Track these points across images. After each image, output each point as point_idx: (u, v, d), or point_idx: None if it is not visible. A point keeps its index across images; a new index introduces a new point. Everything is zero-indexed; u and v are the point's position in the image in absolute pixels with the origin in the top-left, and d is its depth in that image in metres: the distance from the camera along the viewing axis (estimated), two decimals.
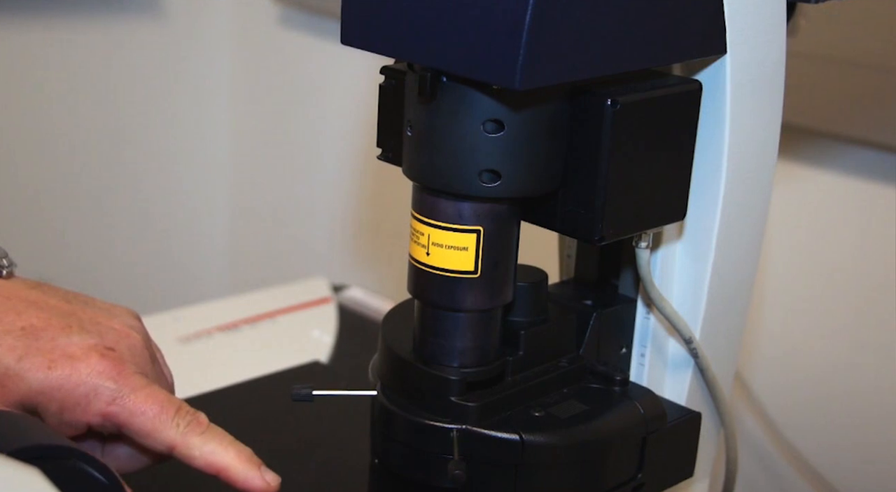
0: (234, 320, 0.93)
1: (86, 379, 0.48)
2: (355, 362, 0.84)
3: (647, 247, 0.56)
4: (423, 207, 0.52)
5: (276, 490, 0.50)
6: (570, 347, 0.58)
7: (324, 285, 1.01)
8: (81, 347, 0.49)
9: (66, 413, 0.48)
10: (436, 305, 0.54)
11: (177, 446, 0.49)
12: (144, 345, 0.52)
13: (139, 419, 0.48)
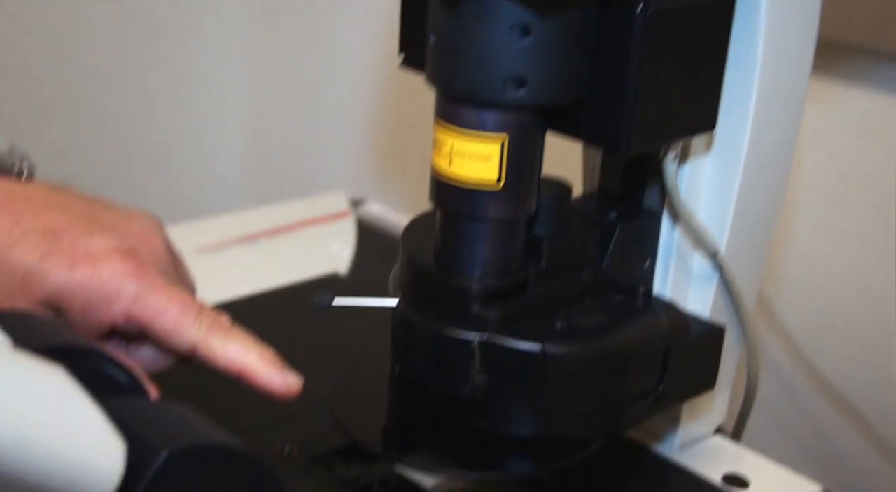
0: (252, 233, 0.93)
1: (108, 280, 0.48)
2: (374, 276, 0.84)
3: (675, 159, 0.55)
4: (447, 115, 0.52)
5: (297, 392, 0.50)
6: (593, 260, 0.58)
7: (342, 199, 1.01)
8: (103, 248, 0.48)
9: (88, 313, 0.48)
10: (458, 214, 0.53)
11: (198, 347, 0.49)
12: (165, 248, 0.52)
13: (161, 320, 0.48)
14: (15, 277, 0.48)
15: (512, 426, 0.54)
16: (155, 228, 0.52)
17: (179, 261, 0.54)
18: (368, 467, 0.62)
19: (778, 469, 0.65)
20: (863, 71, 0.84)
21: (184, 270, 0.54)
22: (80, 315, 0.48)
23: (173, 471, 0.40)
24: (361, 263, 0.90)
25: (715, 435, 0.67)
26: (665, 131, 0.52)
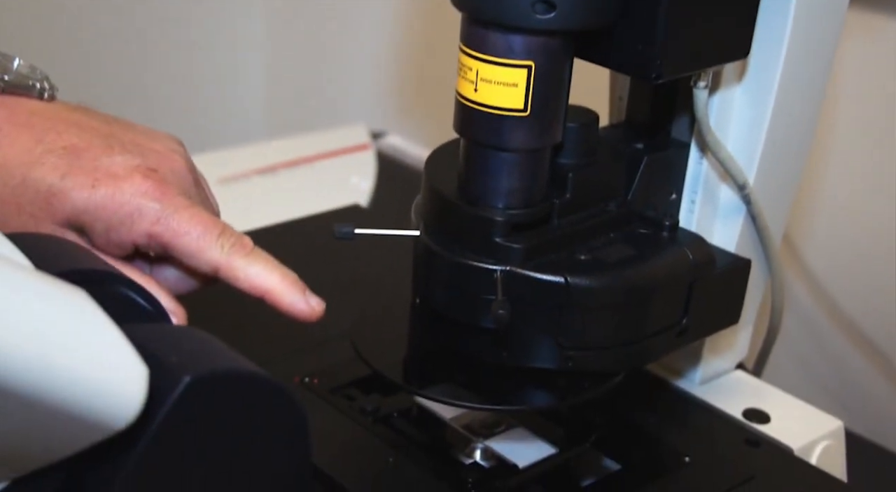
0: (272, 164, 0.93)
1: (129, 199, 0.47)
2: (395, 208, 0.84)
3: (706, 87, 0.54)
4: (472, 40, 0.50)
5: (320, 315, 0.50)
6: (619, 192, 0.57)
7: (363, 131, 1.00)
8: (124, 167, 0.48)
9: (111, 232, 0.48)
10: (482, 143, 0.52)
11: (221, 267, 0.48)
12: (188, 169, 0.51)
13: (183, 239, 0.48)
14: (38, 196, 0.47)
15: (533, 359, 0.53)
16: (177, 149, 0.52)
17: (202, 182, 0.53)
18: (388, 398, 0.62)
19: (799, 404, 0.64)
20: None
21: (206, 191, 0.53)
22: (102, 235, 0.48)
23: (195, 397, 0.40)
24: (382, 196, 0.89)
25: (736, 371, 0.67)
26: (697, 57, 0.51)
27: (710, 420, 0.63)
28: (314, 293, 0.51)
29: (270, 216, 0.82)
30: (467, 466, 0.58)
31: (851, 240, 0.86)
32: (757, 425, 0.62)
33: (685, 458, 0.59)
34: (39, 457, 0.39)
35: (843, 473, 0.63)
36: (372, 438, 0.59)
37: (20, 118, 0.49)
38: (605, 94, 0.64)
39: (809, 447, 0.61)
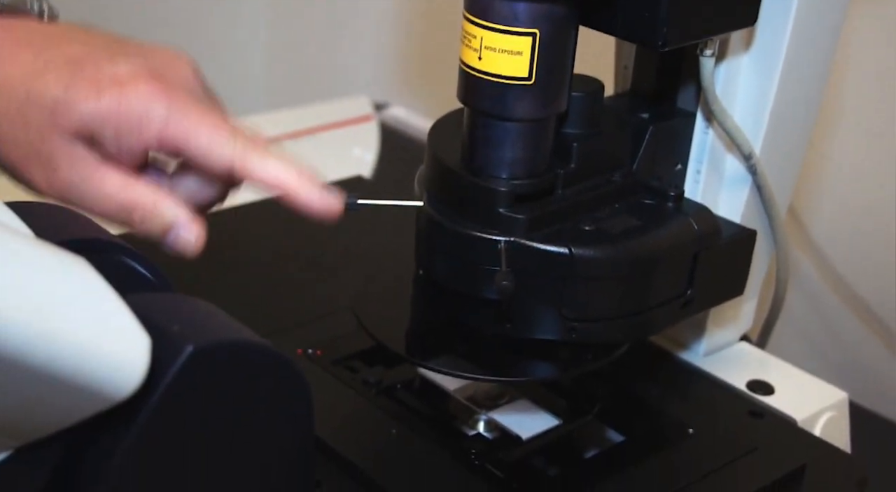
0: (275, 135, 0.92)
1: (136, 104, 0.46)
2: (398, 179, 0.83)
3: (713, 55, 0.53)
4: (476, 7, 0.50)
5: (337, 213, 0.49)
6: (624, 162, 0.56)
7: (365, 103, 0.99)
8: (129, 74, 0.47)
9: (122, 139, 0.46)
10: (487, 112, 0.52)
11: (236, 165, 0.47)
12: (194, 73, 0.50)
13: (194, 140, 0.46)
14: (43, 111, 0.46)
15: (537, 330, 0.53)
16: (182, 56, 0.50)
17: (210, 89, 0.51)
18: (391, 370, 0.62)
19: (803, 376, 0.64)
20: None
21: (215, 98, 0.51)
22: (113, 143, 0.46)
23: (198, 367, 0.40)
24: (385, 167, 0.89)
25: (740, 342, 0.67)
26: (704, 25, 0.50)
27: (714, 392, 0.62)
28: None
29: None
30: (471, 437, 0.58)
31: (856, 213, 0.86)
32: (761, 397, 0.62)
33: (689, 429, 0.59)
34: (41, 427, 0.39)
35: (846, 444, 0.63)
36: (375, 410, 0.59)
37: (19, 36, 0.48)
38: (611, 62, 0.63)
39: (813, 419, 0.61)
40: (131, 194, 0.47)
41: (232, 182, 0.49)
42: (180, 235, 0.47)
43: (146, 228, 0.47)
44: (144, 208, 0.47)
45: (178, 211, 0.47)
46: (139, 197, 0.47)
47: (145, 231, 0.48)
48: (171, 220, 0.47)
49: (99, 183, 0.46)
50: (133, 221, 0.47)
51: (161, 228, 0.47)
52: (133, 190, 0.47)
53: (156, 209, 0.47)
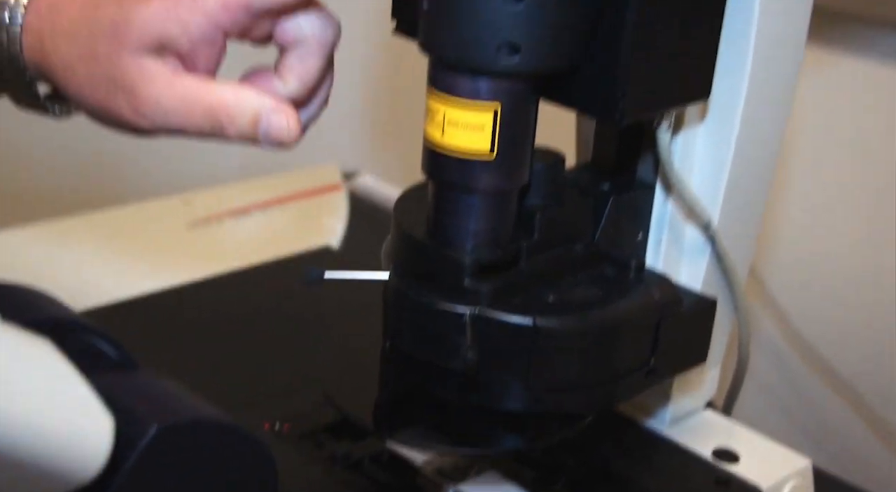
0: (244, 205, 0.93)
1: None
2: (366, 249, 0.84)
3: (669, 129, 0.55)
4: (439, 82, 0.51)
5: None
6: (586, 232, 0.57)
7: (334, 171, 1.00)
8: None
9: (190, 28, 0.45)
10: (450, 185, 0.52)
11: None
12: None
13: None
14: (106, 36, 0.46)
15: (504, 401, 0.53)
16: None
17: None
18: (359, 444, 0.62)
19: (768, 443, 0.65)
20: (861, 40, 0.83)
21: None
22: (184, 37, 0.46)
23: (163, 446, 0.39)
24: (354, 236, 0.89)
25: (706, 410, 0.67)
26: (659, 100, 0.51)
27: (681, 460, 0.63)
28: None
29: (243, 258, 0.82)
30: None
31: (815, 270, 0.87)
32: (726, 465, 0.62)
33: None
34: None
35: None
36: (342, 487, 0.58)
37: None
38: (572, 134, 0.64)
39: (778, 486, 0.61)
40: (213, 94, 0.46)
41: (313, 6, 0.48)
42: (272, 120, 0.47)
43: (236, 127, 0.47)
44: (227, 106, 0.46)
45: (262, 97, 0.47)
46: (220, 94, 0.47)
47: (238, 133, 0.47)
48: (257, 107, 0.47)
49: (181, 91, 0.46)
50: (222, 124, 0.47)
51: (250, 120, 0.47)
52: (212, 89, 0.47)
53: (239, 103, 0.47)
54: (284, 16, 0.48)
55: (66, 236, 0.84)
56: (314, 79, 0.50)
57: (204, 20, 0.46)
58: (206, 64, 0.47)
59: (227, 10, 0.46)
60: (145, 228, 0.88)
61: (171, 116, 0.46)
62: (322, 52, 0.50)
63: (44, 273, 0.73)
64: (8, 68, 0.48)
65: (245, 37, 0.49)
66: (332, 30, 0.50)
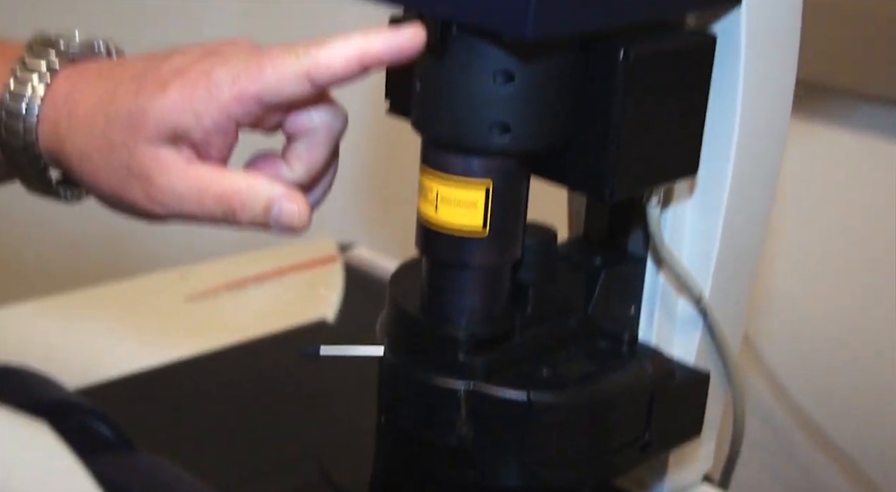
0: (240, 278, 0.93)
1: (198, 78, 0.47)
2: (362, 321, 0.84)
3: (658, 204, 0.55)
4: (432, 161, 0.52)
5: (422, 41, 0.47)
6: (579, 306, 0.57)
7: (330, 244, 1.00)
8: (185, 62, 0.48)
9: (204, 119, 0.47)
10: (444, 261, 0.53)
11: (310, 72, 0.46)
12: (251, 43, 0.50)
13: (264, 79, 0.46)
14: (123, 126, 0.47)
15: (499, 476, 0.53)
16: (239, 38, 0.51)
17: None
18: None
19: None
20: (842, 112, 0.85)
21: None
22: (198, 128, 0.47)
23: None
24: (350, 309, 0.89)
25: (703, 483, 0.67)
26: (648, 177, 0.52)
27: None
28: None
29: (239, 333, 0.82)
30: None
31: (809, 337, 0.87)
32: None
33: None
34: None
35: None
36: None
37: (92, 74, 0.50)
38: (565, 207, 0.65)
39: None
40: (225, 183, 0.47)
41: (320, 99, 0.49)
42: (283, 207, 0.48)
43: (249, 214, 0.48)
44: (240, 193, 0.47)
45: (274, 185, 0.48)
46: (233, 183, 0.47)
47: (250, 220, 0.48)
48: (269, 195, 0.48)
49: (194, 180, 0.47)
50: (234, 210, 0.48)
51: (263, 207, 0.48)
52: (225, 177, 0.48)
53: (251, 190, 0.47)
54: (295, 108, 0.50)
55: (63, 313, 0.84)
56: (320, 166, 0.51)
57: (218, 112, 0.47)
58: (219, 152, 0.48)
59: (239, 103, 0.47)
60: (142, 303, 0.88)
61: (185, 204, 0.47)
62: (330, 142, 0.51)
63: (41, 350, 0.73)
64: (22, 156, 0.49)
65: (256, 127, 0.50)
66: (340, 121, 0.51)
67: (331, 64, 0.47)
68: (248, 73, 0.47)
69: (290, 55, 0.47)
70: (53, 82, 0.49)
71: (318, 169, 0.51)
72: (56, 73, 0.49)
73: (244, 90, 0.47)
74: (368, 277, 0.96)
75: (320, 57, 0.47)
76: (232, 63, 0.47)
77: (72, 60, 0.51)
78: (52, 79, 0.49)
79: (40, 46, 0.50)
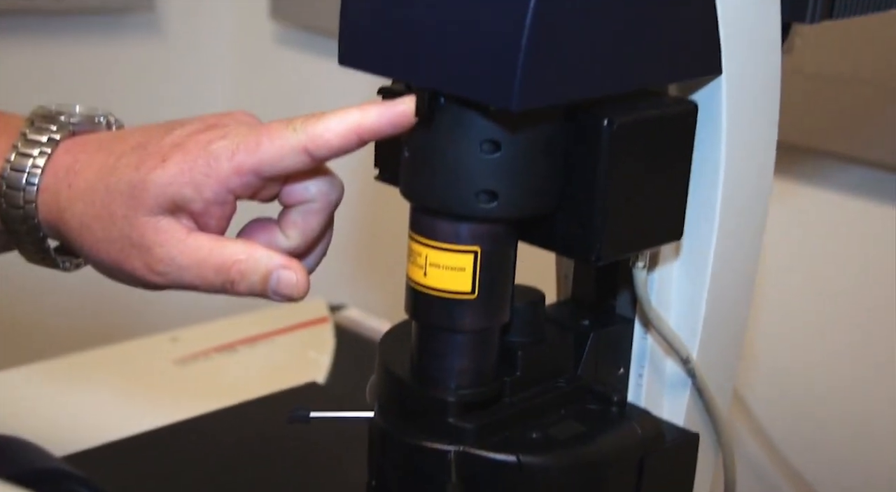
0: (231, 341, 0.93)
1: (198, 152, 0.47)
2: (353, 383, 0.84)
3: (644, 267, 0.56)
4: (421, 227, 0.52)
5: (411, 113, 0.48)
6: (568, 368, 0.58)
7: (321, 305, 1.01)
8: (185, 134, 0.48)
9: (203, 191, 0.47)
10: (433, 325, 0.54)
11: (308, 146, 0.47)
12: (251, 117, 0.51)
13: (262, 152, 0.47)
14: (123, 197, 0.48)
15: None
16: (238, 111, 0.52)
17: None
18: None
19: None
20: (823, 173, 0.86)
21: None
22: (197, 200, 0.47)
23: None
24: (340, 371, 0.90)
25: None
26: (635, 241, 0.53)
27: None
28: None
29: (231, 395, 0.82)
30: None
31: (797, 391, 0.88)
32: None
33: None
34: None
35: None
36: None
37: (92, 147, 0.50)
38: (552, 270, 0.66)
39: None
40: (224, 252, 0.48)
41: (320, 171, 0.50)
42: (281, 277, 0.48)
43: (248, 284, 0.48)
44: (239, 262, 0.48)
45: (272, 255, 0.48)
46: (231, 253, 0.48)
47: (248, 289, 0.48)
48: (267, 264, 0.48)
49: (194, 250, 0.48)
50: (233, 280, 0.48)
51: (261, 277, 0.48)
52: (224, 247, 0.48)
53: (249, 260, 0.48)
54: (293, 179, 0.50)
55: (53, 378, 0.84)
56: (316, 235, 0.52)
57: (217, 184, 0.48)
58: (217, 223, 0.49)
59: (238, 175, 0.48)
60: (132, 367, 0.88)
61: (185, 274, 0.48)
62: (326, 211, 0.52)
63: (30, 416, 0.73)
64: (21, 226, 0.50)
65: (254, 197, 0.51)
66: (336, 191, 0.52)
67: (328, 137, 0.48)
68: (246, 146, 0.47)
69: (288, 129, 0.48)
70: (54, 154, 0.50)
71: (314, 237, 0.52)
72: (57, 144, 0.50)
73: (242, 163, 0.47)
74: (359, 339, 0.96)
75: (317, 130, 0.48)
76: (231, 136, 0.48)
77: (72, 133, 0.51)
78: (53, 150, 0.50)
79: (42, 120, 0.51)
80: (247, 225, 0.53)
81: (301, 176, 0.50)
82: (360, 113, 0.48)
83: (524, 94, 0.45)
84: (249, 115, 0.52)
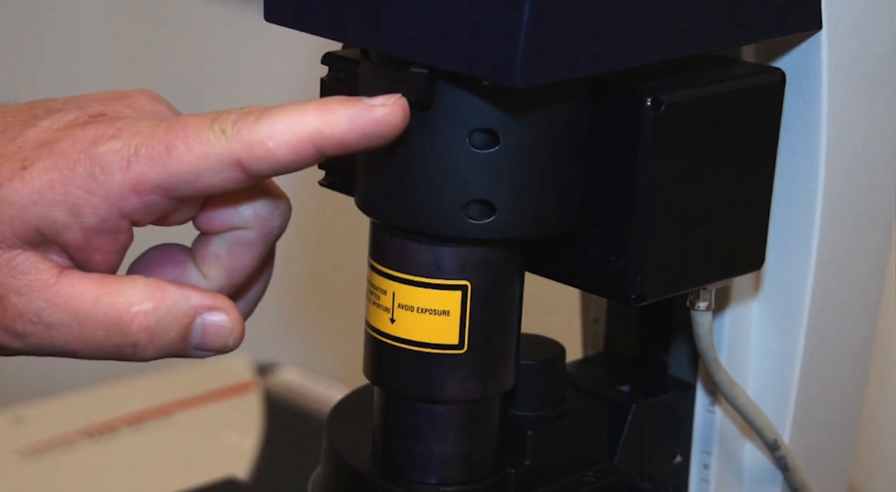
0: (106, 420, 0.93)
1: (76, 159, 0.45)
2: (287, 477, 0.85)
3: (709, 308, 0.57)
4: (386, 254, 0.53)
5: (403, 119, 0.46)
6: (600, 455, 0.59)
7: (244, 365, 1.01)
8: (56, 128, 0.47)
9: (84, 215, 0.46)
10: (404, 393, 0.55)
11: (240, 157, 0.45)
12: (153, 100, 0.50)
13: (173, 161, 0.45)
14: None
15: None
16: (136, 91, 0.50)
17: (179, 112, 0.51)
18: None
19: None
20: None
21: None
22: (74, 226, 0.46)
23: None
24: (269, 461, 0.90)
25: None
26: (692, 272, 0.54)
27: None
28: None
29: None
30: None
31: None
32: None
33: None
34: None
35: None
36: None
37: None
38: (576, 314, 0.67)
39: None
40: (117, 301, 0.46)
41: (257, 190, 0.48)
42: (207, 323, 0.47)
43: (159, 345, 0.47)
44: (142, 314, 0.46)
45: (188, 292, 0.47)
46: (128, 300, 0.46)
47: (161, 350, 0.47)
48: (184, 309, 0.47)
49: (68, 300, 0.46)
50: (136, 342, 0.46)
51: (179, 331, 0.47)
52: (117, 293, 0.46)
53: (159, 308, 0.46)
54: (218, 199, 0.49)
55: None
56: (246, 275, 0.51)
57: (104, 205, 0.46)
58: (105, 258, 0.48)
59: (136, 193, 0.46)
60: None
61: (57, 335, 0.47)
62: (262, 243, 0.50)
63: None
64: None
65: (159, 223, 0.49)
66: (280, 217, 0.51)
67: (270, 148, 0.46)
68: (150, 151, 0.46)
69: (213, 130, 0.46)
70: None
71: (243, 278, 0.51)
72: None
73: (143, 177, 0.46)
74: (298, 413, 0.97)
75: (256, 136, 0.46)
76: (126, 134, 0.46)
77: None
78: None
79: None
80: (143, 255, 0.52)
81: (231, 196, 0.49)
82: (319, 115, 0.46)
83: (532, 65, 0.46)
84: (155, 98, 0.51)
